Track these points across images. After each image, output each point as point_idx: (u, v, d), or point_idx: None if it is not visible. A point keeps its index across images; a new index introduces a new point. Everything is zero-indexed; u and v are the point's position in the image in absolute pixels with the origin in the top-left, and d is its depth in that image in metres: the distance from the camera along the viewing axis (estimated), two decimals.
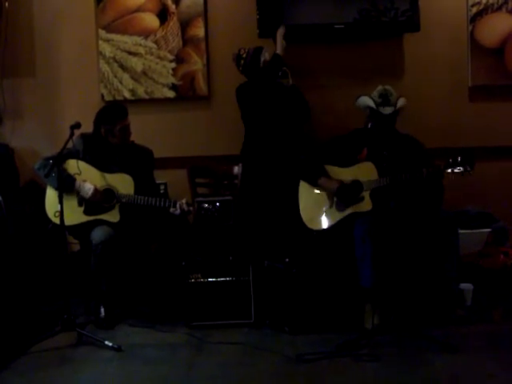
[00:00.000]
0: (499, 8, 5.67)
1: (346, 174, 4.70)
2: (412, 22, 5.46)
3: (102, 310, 4.65)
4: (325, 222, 4.70)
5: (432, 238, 4.50)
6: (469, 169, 4.44)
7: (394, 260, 4.44)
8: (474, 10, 5.66)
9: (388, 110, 4.66)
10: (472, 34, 5.67)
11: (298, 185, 4.83)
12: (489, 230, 5.27)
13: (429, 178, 4.51)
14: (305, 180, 4.80)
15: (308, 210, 4.76)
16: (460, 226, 4.77)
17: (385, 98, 4.65)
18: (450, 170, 4.46)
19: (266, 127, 5.20)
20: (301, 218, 4.75)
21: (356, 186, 4.63)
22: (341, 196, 4.64)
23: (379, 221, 4.46)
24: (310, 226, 4.73)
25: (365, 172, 4.65)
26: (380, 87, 4.71)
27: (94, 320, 4.67)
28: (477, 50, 5.68)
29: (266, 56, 5.22)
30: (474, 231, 5.27)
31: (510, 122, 5.68)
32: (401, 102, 4.68)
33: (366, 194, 4.60)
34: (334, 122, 5.44)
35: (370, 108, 4.69)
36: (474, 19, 5.67)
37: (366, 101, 4.71)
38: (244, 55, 5.25)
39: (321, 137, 5.33)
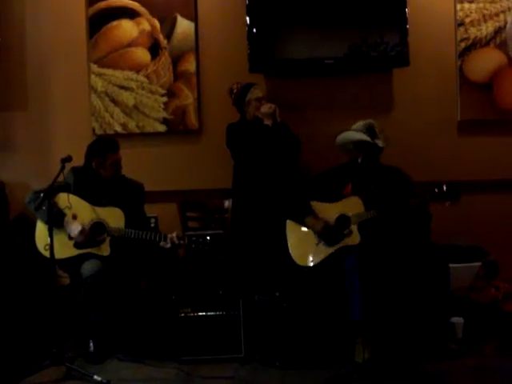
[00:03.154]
0: (487, 43, 5.73)
1: (332, 209, 4.71)
2: (401, 56, 5.51)
3: (92, 344, 4.62)
4: (314, 259, 4.68)
5: (422, 272, 4.50)
6: (455, 200, 4.46)
7: (385, 293, 4.45)
8: (463, 45, 5.73)
9: (382, 143, 4.70)
10: (461, 68, 5.73)
11: (285, 222, 4.83)
12: (479, 263, 5.27)
13: (415, 209, 4.53)
14: (291, 219, 4.81)
15: (297, 247, 4.76)
16: (450, 260, 4.78)
17: (372, 132, 4.69)
18: (436, 201, 4.48)
19: (256, 164, 5.21)
20: (290, 255, 4.74)
21: (342, 221, 4.64)
22: (326, 236, 4.65)
23: (368, 254, 4.47)
24: (299, 263, 4.71)
25: (351, 206, 4.66)
26: (363, 121, 4.77)
27: (83, 354, 4.63)
28: (465, 84, 5.73)
29: (253, 94, 5.26)
30: (465, 265, 5.27)
31: (498, 156, 5.71)
32: (385, 134, 4.74)
33: (354, 228, 4.61)
34: (324, 155, 5.46)
35: (361, 142, 4.71)
36: (463, 54, 5.73)
37: (355, 136, 4.74)
38: (234, 90, 5.31)
39: (310, 171, 5.34)
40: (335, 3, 5.50)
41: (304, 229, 4.76)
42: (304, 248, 4.73)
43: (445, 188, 4.49)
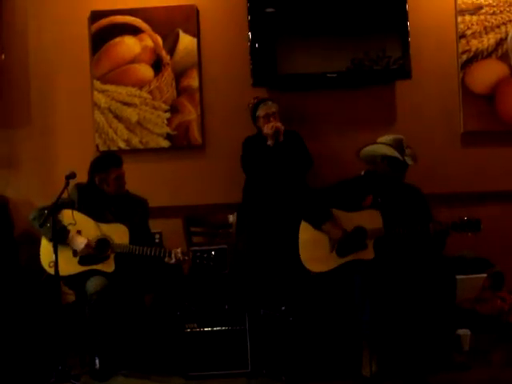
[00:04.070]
0: (489, 55, 5.74)
1: (351, 219, 4.64)
2: (404, 69, 5.53)
3: (97, 360, 4.60)
4: (324, 265, 4.64)
5: (429, 284, 4.48)
6: (476, 231, 4.46)
7: (392, 306, 4.43)
8: (465, 57, 5.74)
9: (410, 161, 4.63)
10: (463, 80, 5.75)
11: (297, 226, 4.76)
12: (485, 275, 5.25)
13: (435, 236, 4.51)
14: (309, 222, 4.74)
15: (307, 249, 4.69)
16: (456, 272, 4.77)
17: (401, 149, 4.62)
18: (457, 231, 4.48)
19: (264, 179, 5.24)
20: (298, 258, 4.69)
21: (359, 232, 4.59)
22: (342, 245, 4.61)
23: (380, 270, 4.44)
24: (307, 266, 4.66)
25: (370, 219, 4.58)
26: (392, 136, 4.70)
27: (88, 371, 4.61)
28: (468, 96, 5.74)
29: (261, 111, 5.30)
30: (471, 276, 5.25)
31: (501, 167, 5.71)
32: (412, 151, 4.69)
33: (370, 243, 4.56)
34: (328, 168, 5.46)
35: (391, 158, 4.64)
36: (465, 66, 5.75)
37: (385, 150, 4.65)
38: (250, 105, 5.37)
39: (312, 185, 5.33)
40: (337, 17, 5.53)
41: (318, 233, 4.70)
42: (315, 252, 4.66)
43: (466, 219, 4.46)
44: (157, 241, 5.28)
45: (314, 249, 4.69)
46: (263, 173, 5.23)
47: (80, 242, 4.64)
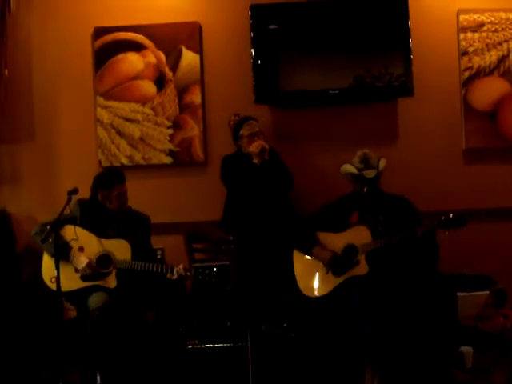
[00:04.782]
0: (491, 72, 5.76)
1: (339, 238, 4.70)
2: (406, 86, 5.55)
3: (98, 377, 4.59)
4: (322, 289, 4.67)
5: (430, 301, 4.48)
6: (462, 225, 4.46)
7: (393, 323, 4.42)
8: (467, 74, 5.76)
9: (371, 174, 4.71)
10: (465, 97, 5.76)
11: (291, 253, 4.83)
12: (487, 292, 5.25)
13: (423, 237, 4.53)
14: (299, 250, 4.81)
15: (304, 278, 4.75)
16: (458, 289, 4.76)
17: (366, 162, 4.72)
18: (444, 228, 4.49)
19: (247, 197, 5.28)
20: (297, 286, 4.73)
21: (350, 251, 4.63)
22: (334, 266, 4.64)
23: (377, 284, 4.45)
24: (307, 294, 4.70)
25: (359, 236, 4.65)
26: (359, 152, 4.80)
27: None
28: (470, 113, 5.75)
29: (245, 130, 5.34)
30: (473, 293, 5.24)
31: (503, 184, 5.72)
32: (382, 163, 4.76)
33: (362, 258, 4.60)
34: (328, 186, 5.47)
35: (353, 174, 4.74)
36: (467, 83, 5.76)
37: (347, 168, 4.79)
38: (231, 123, 5.41)
39: (313, 201, 5.32)
40: (340, 34, 5.55)
41: (311, 259, 4.75)
42: (311, 279, 4.72)
43: (451, 216, 4.50)
44: (159, 257, 5.29)
45: (310, 275, 4.74)
46: (249, 190, 5.26)
47: (81, 262, 4.64)
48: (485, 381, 4.53)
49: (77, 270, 4.66)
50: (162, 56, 5.80)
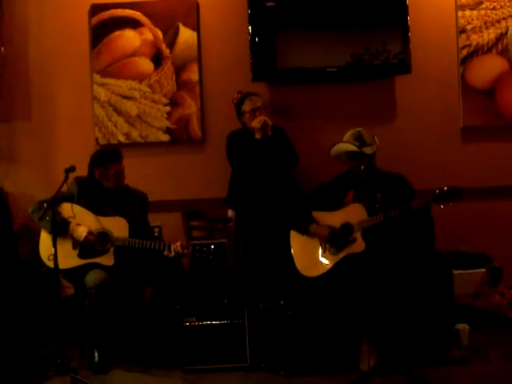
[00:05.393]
0: (489, 50, 5.75)
1: (335, 217, 4.71)
2: (403, 64, 5.53)
3: (96, 354, 4.60)
4: (320, 268, 4.67)
5: (426, 279, 4.49)
6: (457, 199, 4.45)
7: (389, 300, 4.44)
8: (465, 52, 5.74)
9: (370, 150, 4.72)
10: (463, 75, 5.75)
11: (288, 233, 4.83)
12: (484, 270, 5.26)
13: (418, 211, 4.53)
14: (296, 229, 4.81)
15: (302, 258, 4.75)
16: (455, 267, 4.77)
17: (360, 140, 4.72)
18: (438, 202, 4.48)
19: (251, 173, 5.27)
20: (295, 266, 4.73)
21: (346, 228, 4.64)
22: (333, 241, 4.65)
23: (374, 261, 4.46)
24: (305, 274, 4.70)
25: (354, 213, 4.66)
26: (352, 131, 4.80)
27: (87, 364, 4.62)
28: (468, 91, 5.74)
29: (246, 106, 5.33)
30: (469, 271, 5.26)
31: (501, 162, 5.72)
32: (376, 139, 4.76)
33: (358, 235, 4.61)
34: (328, 162, 5.46)
35: (352, 152, 4.73)
36: (465, 61, 5.75)
37: (345, 147, 4.77)
38: (234, 100, 5.38)
39: (313, 179, 5.34)
40: (337, 12, 5.53)
41: (308, 238, 4.75)
42: (309, 258, 4.72)
43: (445, 189, 4.48)
44: (156, 234, 5.29)
45: (307, 255, 4.74)
46: (252, 166, 5.25)
47: (82, 231, 4.65)
48: (481, 358, 4.55)
49: (75, 247, 4.66)
50: (159, 33, 5.77)
